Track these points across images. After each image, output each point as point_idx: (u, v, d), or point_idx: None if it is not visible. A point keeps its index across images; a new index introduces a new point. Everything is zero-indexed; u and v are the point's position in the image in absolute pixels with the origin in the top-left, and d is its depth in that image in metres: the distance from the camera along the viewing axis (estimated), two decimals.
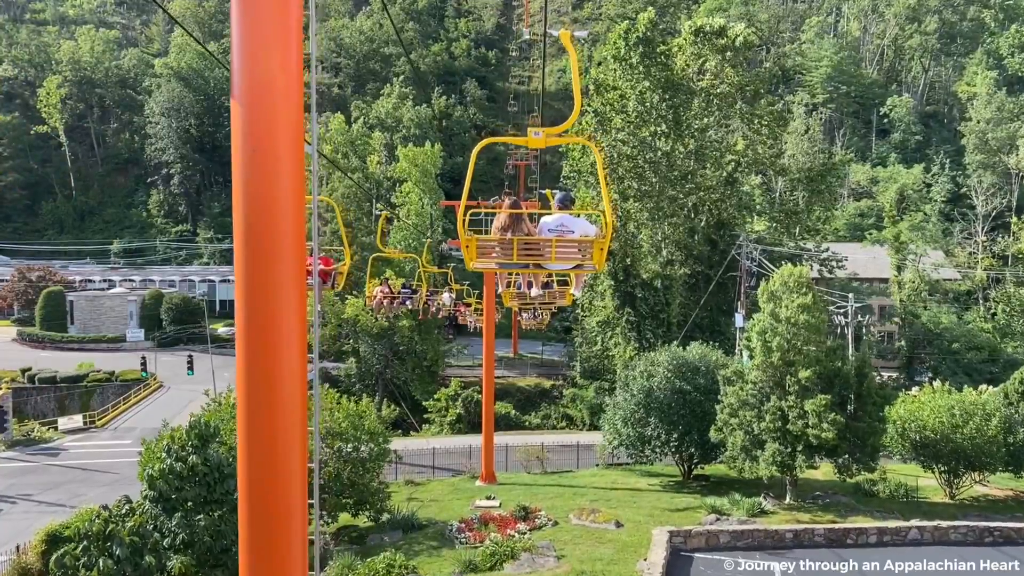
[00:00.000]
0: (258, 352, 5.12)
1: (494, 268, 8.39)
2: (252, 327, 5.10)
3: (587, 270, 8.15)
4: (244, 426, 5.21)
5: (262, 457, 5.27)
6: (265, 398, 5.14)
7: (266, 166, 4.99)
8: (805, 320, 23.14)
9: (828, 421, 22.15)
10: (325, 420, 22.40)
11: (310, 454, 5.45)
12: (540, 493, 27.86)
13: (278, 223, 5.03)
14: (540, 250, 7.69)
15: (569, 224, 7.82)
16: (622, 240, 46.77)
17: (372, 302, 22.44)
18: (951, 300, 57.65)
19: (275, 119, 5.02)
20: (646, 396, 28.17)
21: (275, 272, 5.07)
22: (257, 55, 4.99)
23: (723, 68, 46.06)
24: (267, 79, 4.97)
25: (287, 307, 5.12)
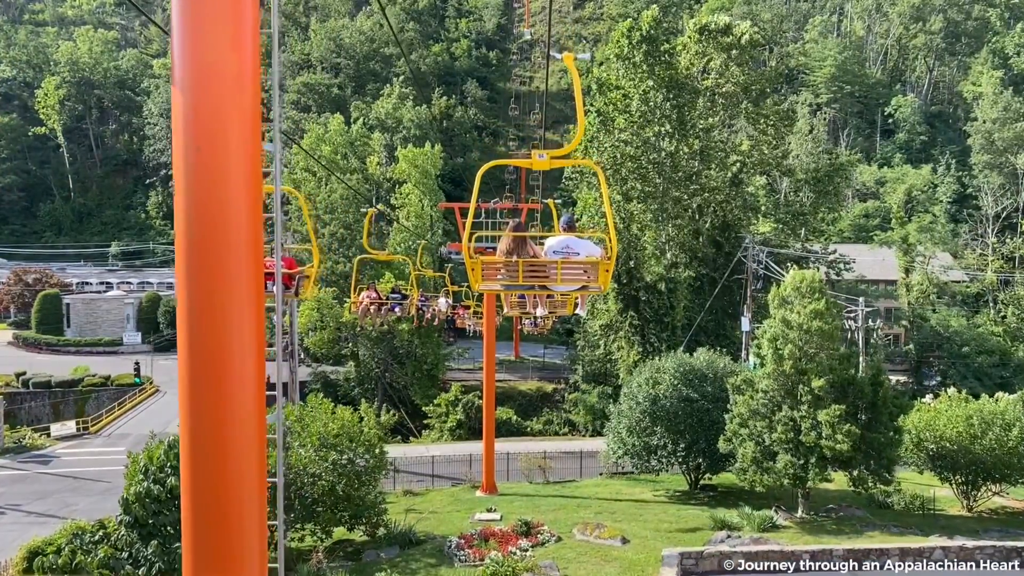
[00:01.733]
0: (205, 378, 4.20)
1: (499, 290, 8.45)
2: (197, 352, 4.19)
3: (592, 291, 8.13)
4: (188, 464, 4.29)
5: (208, 497, 4.34)
6: (213, 433, 4.23)
7: (213, 167, 4.10)
8: (818, 327, 22.24)
9: (843, 432, 21.25)
10: (318, 432, 21.53)
11: (272, 470, 4.55)
12: (542, 505, 26.97)
13: (228, 234, 4.13)
14: (545, 272, 7.69)
15: (574, 246, 7.85)
16: (625, 242, 45.88)
17: (356, 308, 20.74)
18: (960, 303, 56.70)
19: (224, 110, 4.12)
20: (652, 404, 27.25)
21: (223, 290, 4.16)
22: (201, 30, 4.07)
23: (728, 67, 45.20)
24: (214, 60, 4.06)
25: (239, 326, 4.20)
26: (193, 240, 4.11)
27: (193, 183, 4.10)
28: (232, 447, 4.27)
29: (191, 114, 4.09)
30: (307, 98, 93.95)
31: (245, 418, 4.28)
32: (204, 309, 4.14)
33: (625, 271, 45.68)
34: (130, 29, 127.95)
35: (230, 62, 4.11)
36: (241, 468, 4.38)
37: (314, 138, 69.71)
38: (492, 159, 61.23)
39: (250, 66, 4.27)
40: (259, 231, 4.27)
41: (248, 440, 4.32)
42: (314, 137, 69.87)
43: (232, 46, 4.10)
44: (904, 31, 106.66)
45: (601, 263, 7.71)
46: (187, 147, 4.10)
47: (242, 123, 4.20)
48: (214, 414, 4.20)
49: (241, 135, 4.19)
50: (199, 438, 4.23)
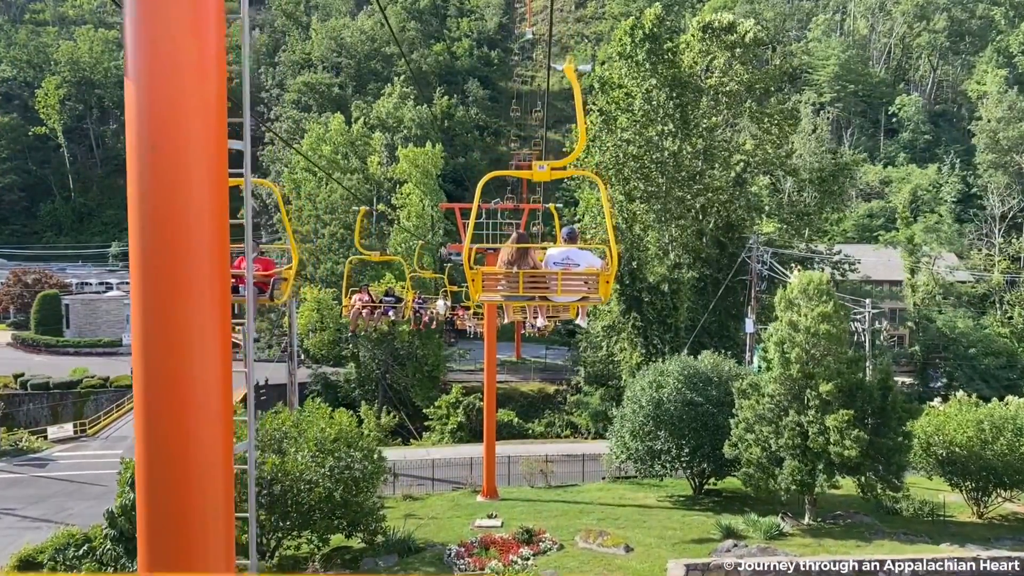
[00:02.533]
0: (162, 396, 3.72)
1: (500, 300, 8.43)
2: (154, 374, 3.71)
3: (592, 302, 8.19)
4: (144, 484, 3.80)
5: (168, 516, 3.84)
6: (173, 461, 3.75)
7: (171, 168, 3.63)
8: (825, 330, 21.76)
9: (851, 438, 20.76)
10: (315, 437, 21.08)
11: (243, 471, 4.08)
12: (544, 510, 26.50)
13: (189, 242, 3.65)
14: (546, 283, 7.75)
15: (575, 257, 7.94)
16: (628, 243, 45.41)
17: (348, 312, 19.39)
18: (966, 304, 56.12)
19: (183, 103, 3.64)
20: (655, 408, 26.80)
21: (183, 304, 3.66)
22: (156, 13, 3.57)
23: (732, 65, 44.69)
24: (171, 47, 3.58)
25: (200, 344, 3.72)
26: (149, 249, 3.65)
27: (149, 186, 3.63)
28: (194, 470, 3.80)
29: (146, 108, 3.62)
30: (308, 98, 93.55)
31: (208, 442, 3.81)
32: (162, 327, 3.68)
33: (628, 272, 45.20)
34: None
35: (190, 49, 3.63)
36: (204, 483, 3.88)
37: (315, 138, 69.36)
38: (493, 159, 61.29)
39: (213, 54, 3.79)
40: (224, 238, 3.81)
41: (211, 458, 3.84)
42: (315, 137, 69.52)
43: (192, 31, 3.62)
44: (908, 30, 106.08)
45: (601, 274, 7.74)
46: (141, 146, 3.63)
47: (205, 118, 3.73)
48: (174, 444, 3.73)
49: (204, 132, 3.72)
50: (157, 466, 3.75)
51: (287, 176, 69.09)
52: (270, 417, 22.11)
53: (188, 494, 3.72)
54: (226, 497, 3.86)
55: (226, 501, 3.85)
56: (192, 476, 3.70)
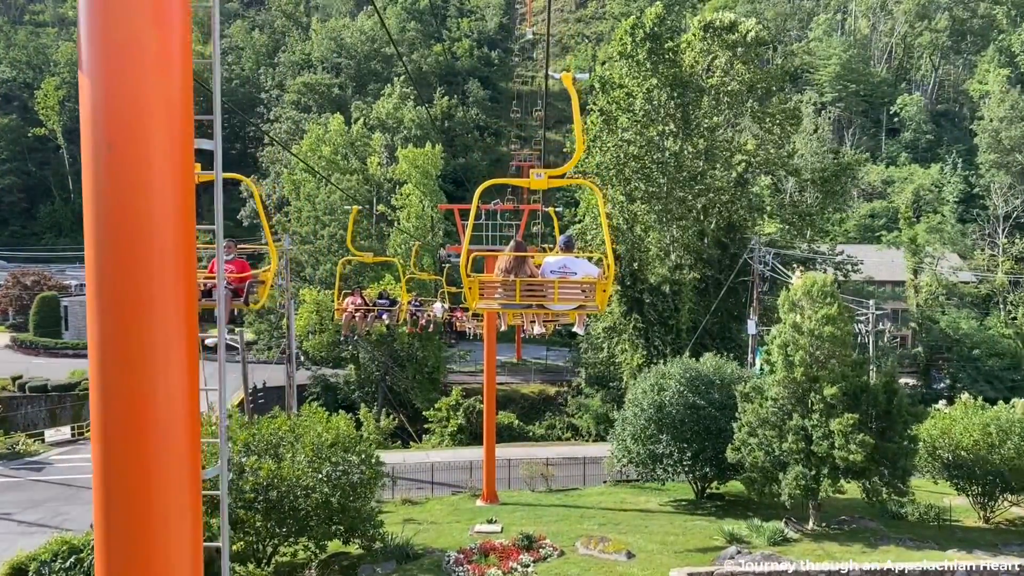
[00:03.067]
0: (122, 419, 3.38)
1: (497, 308, 8.49)
2: (111, 391, 3.36)
3: (589, 310, 8.20)
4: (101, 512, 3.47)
5: (128, 538, 3.50)
6: (132, 480, 3.41)
7: (129, 169, 3.30)
8: (830, 332, 21.42)
9: (856, 442, 20.42)
10: (312, 442, 20.75)
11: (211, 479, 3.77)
12: (545, 515, 26.18)
13: (150, 249, 3.30)
14: (543, 291, 7.80)
15: (572, 266, 8.00)
16: (629, 244, 45.07)
17: (340, 315, 18.83)
18: (969, 305, 55.71)
19: (143, 98, 3.30)
20: (657, 411, 26.47)
21: (144, 316, 3.31)
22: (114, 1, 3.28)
23: (733, 65, 44.34)
24: (130, 36, 3.25)
25: (164, 363, 3.39)
26: (106, 257, 3.32)
27: (105, 188, 3.30)
28: (157, 501, 3.47)
29: (101, 104, 3.29)
30: (307, 98, 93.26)
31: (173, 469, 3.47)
32: (121, 344, 3.35)
33: (629, 273, 44.87)
34: None
35: (151, 39, 3.31)
36: (168, 514, 3.54)
37: (314, 138, 69.04)
38: (493, 159, 60.91)
39: (178, 44, 3.46)
40: (190, 244, 3.48)
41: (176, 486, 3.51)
42: (314, 137, 69.20)
43: (154, 20, 3.29)
44: (909, 29, 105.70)
45: (598, 283, 7.75)
46: (97, 145, 3.30)
47: (168, 115, 3.40)
48: (134, 471, 3.40)
49: (166, 129, 3.38)
50: (116, 496, 3.42)
51: (287, 177, 68.82)
52: (266, 422, 21.80)
53: (150, 528, 3.39)
54: (193, 529, 3.54)
55: (193, 533, 3.53)
56: (155, 507, 3.38)
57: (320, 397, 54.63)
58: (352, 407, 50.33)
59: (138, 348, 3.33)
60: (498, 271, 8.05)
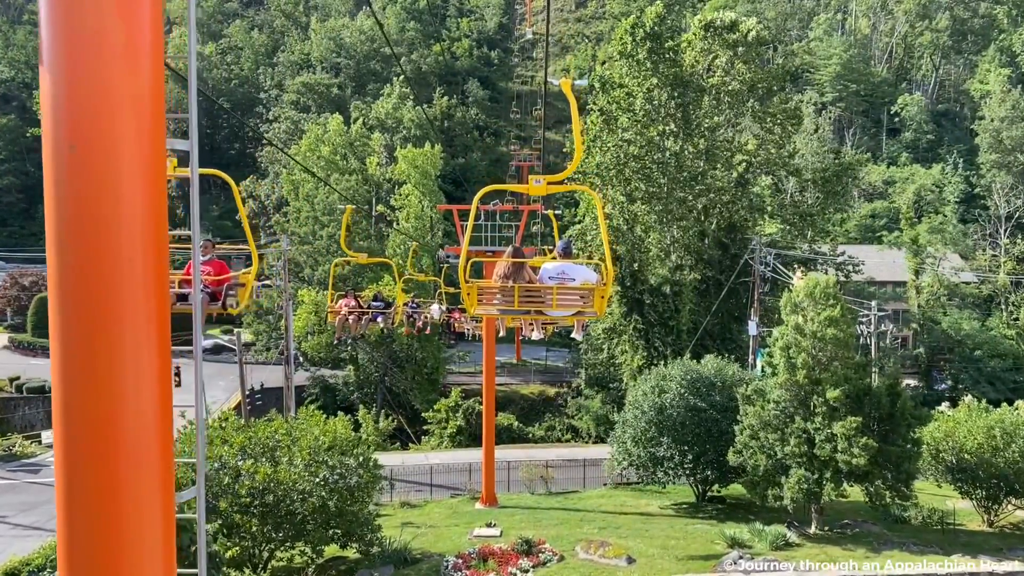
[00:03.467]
0: (87, 437, 3.12)
1: (496, 314, 8.51)
2: (76, 408, 3.10)
3: (588, 316, 8.23)
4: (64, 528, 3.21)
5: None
6: (98, 503, 3.15)
7: (93, 171, 3.05)
8: (832, 334, 21.19)
9: (859, 446, 20.18)
10: (309, 446, 20.51)
11: (182, 506, 3.53)
12: (544, 519, 25.94)
13: (117, 257, 3.06)
14: (541, 297, 7.83)
15: (570, 272, 8.02)
16: (629, 244, 44.84)
17: (334, 318, 18.23)
18: (971, 305, 55.44)
19: (109, 95, 3.04)
20: (658, 414, 26.23)
21: (111, 331, 3.05)
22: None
23: (734, 64, 44.09)
24: (94, 28, 2.99)
25: (135, 376, 3.12)
26: (69, 265, 3.08)
27: (68, 192, 3.05)
28: (127, 527, 3.22)
29: (63, 100, 3.03)
30: (307, 98, 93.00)
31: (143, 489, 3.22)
32: (87, 358, 3.11)
33: (629, 274, 44.64)
34: None
35: (117, 31, 3.05)
36: (139, 541, 3.28)
37: (313, 138, 68.79)
38: (493, 159, 60.48)
39: (147, 36, 3.21)
40: (161, 250, 3.23)
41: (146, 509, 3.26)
42: (313, 137, 68.94)
43: (119, 10, 3.05)
44: (910, 29, 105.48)
45: (597, 289, 7.78)
46: (58, 144, 3.05)
47: (136, 113, 3.15)
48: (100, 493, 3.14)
49: (134, 128, 3.13)
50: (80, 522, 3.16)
51: (286, 177, 68.54)
52: (263, 425, 21.56)
53: (118, 558, 3.14)
54: (165, 558, 3.29)
55: (165, 562, 3.28)
56: (125, 536, 3.14)
57: (319, 398, 54.40)
58: (351, 408, 50.07)
59: (105, 365, 3.08)
60: (496, 277, 8.06)
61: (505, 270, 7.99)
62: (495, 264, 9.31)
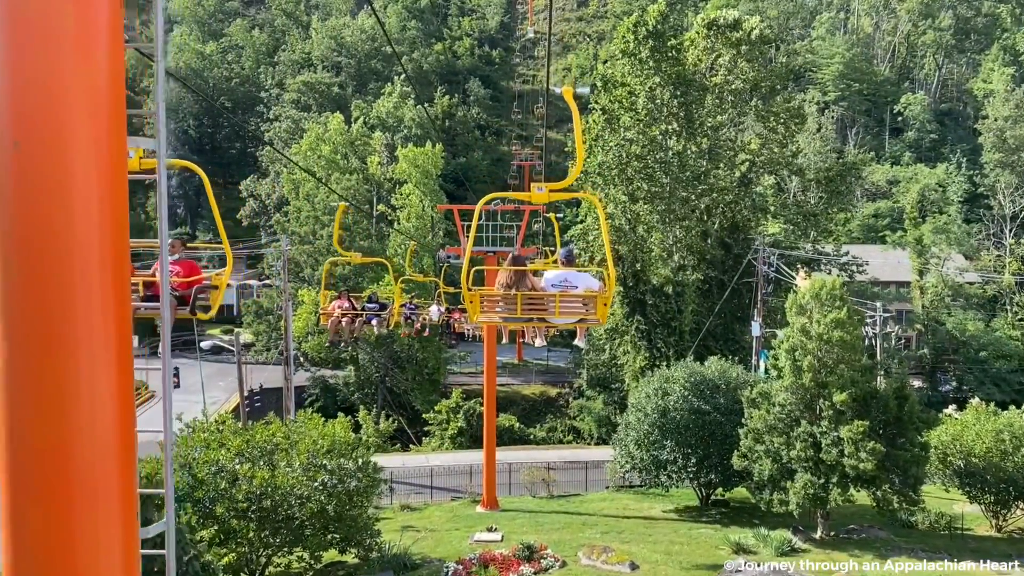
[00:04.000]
0: (37, 472, 2.76)
1: (498, 322, 8.60)
2: (22, 440, 2.75)
3: (590, 323, 8.31)
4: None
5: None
6: (48, 549, 2.80)
7: (40, 170, 2.71)
8: (839, 337, 20.83)
9: (867, 450, 19.84)
10: (307, 449, 20.21)
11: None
12: (546, 523, 25.63)
13: (70, 265, 2.71)
14: (544, 305, 7.89)
15: (572, 279, 8.09)
16: (631, 244, 44.51)
17: (326, 321, 17.23)
18: (975, 306, 55.01)
19: (59, 86, 2.71)
20: (661, 416, 25.90)
21: (65, 344, 2.72)
22: None
23: (737, 63, 43.74)
24: (41, 14, 2.64)
25: (89, 395, 2.77)
26: (14, 278, 2.72)
27: (12, 194, 2.70)
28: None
29: (6, 92, 2.70)
30: (307, 97, 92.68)
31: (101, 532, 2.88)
32: (35, 379, 2.76)
33: (631, 274, 44.32)
34: (131, 28, 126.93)
35: (66, 16, 2.72)
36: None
37: (314, 138, 68.46)
38: (495, 159, 60.06)
39: (104, 23, 2.86)
40: (121, 258, 2.87)
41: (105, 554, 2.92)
42: (314, 137, 68.62)
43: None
44: (912, 28, 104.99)
45: (599, 296, 7.85)
46: (1, 141, 2.72)
47: (92, 107, 2.81)
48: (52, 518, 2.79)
49: (89, 124, 2.79)
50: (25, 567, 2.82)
51: (286, 177, 68.22)
52: (260, 428, 21.24)
53: None
54: None
55: None
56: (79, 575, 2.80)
57: (319, 399, 54.11)
58: (351, 409, 49.78)
59: (54, 388, 2.74)
60: (499, 286, 8.10)
61: (507, 279, 8.03)
62: (496, 265, 9.52)
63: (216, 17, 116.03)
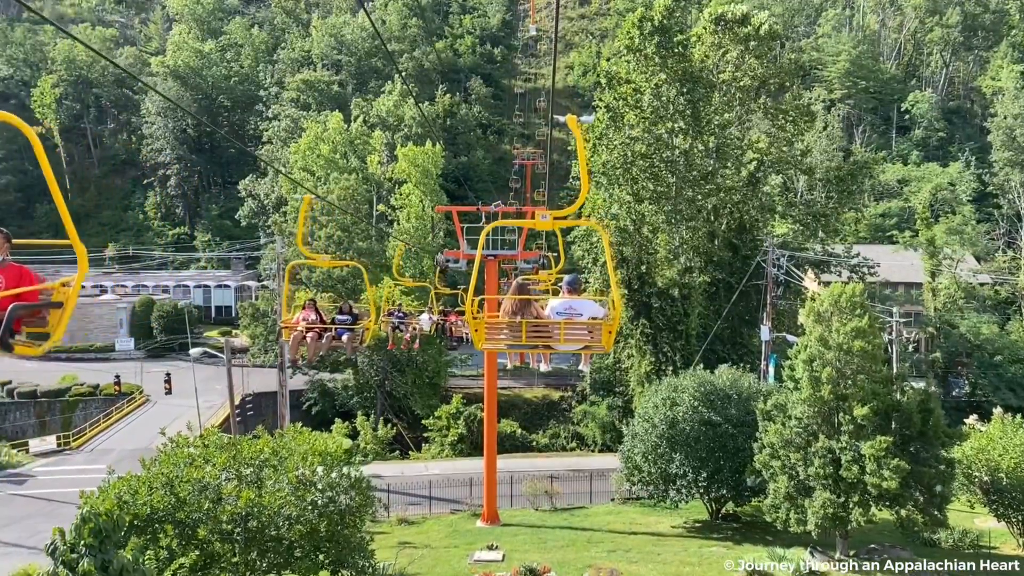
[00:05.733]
0: None
1: (504, 349, 8.70)
2: None
3: (595, 350, 8.30)
4: None
5: None
6: None
7: None
8: (860, 347, 19.67)
9: (890, 467, 18.67)
10: (297, 465, 19.07)
11: None
12: (549, 539, 24.50)
13: None
14: (549, 332, 7.90)
15: (577, 307, 8.12)
16: (636, 246, 43.36)
17: (288, 336, 13.91)
18: (989, 309, 53.68)
19: None
20: (670, 428, 24.75)
21: None
22: None
23: (745, 59, 42.54)
24: None
25: None
26: None
27: None
28: None
29: None
30: (307, 96, 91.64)
31: None
32: None
33: (636, 276, 43.16)
34: (129, 27, 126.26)
35: None
36: None
37: (313, 136, 67.41)
38: (496, 158, 58.64)
39: None
40: None
41: None
42: (313, 136, 67.57)
43: None
44: (920, 25, 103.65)
45: (604, 324, 7.89)
46: None
47: None
48: None
49: None
50: None
51: (284, 176, 67.20)
52: (247, 443, 20.10)
53: None
54: None
55: None
56: None
57: (317, 403, 53.04)
58: (350, 413, 48.69)
59: None
60: (504, 314, 8.16)
61: (512, 307, 8.06)
62: (496, 271, 9.34)
63: (215, 15, 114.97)
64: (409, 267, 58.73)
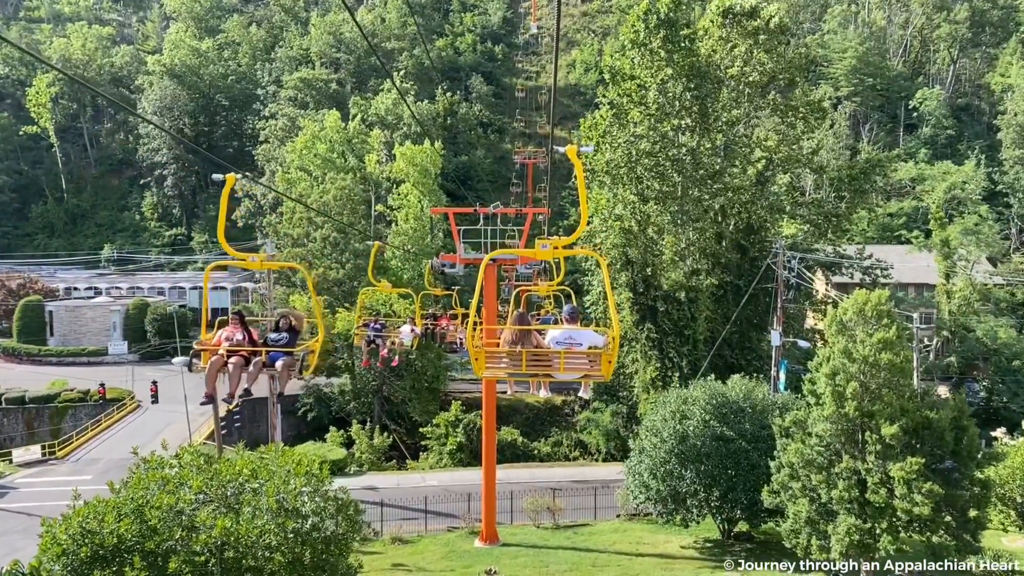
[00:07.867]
0: None
1: (504, 377, 8.55)
2: None
3: (594, 379, 8.29)
4: None
5: None
6: None
7: None
8: (887, 360, 18.15)
9: (923, 492, 17.16)
10: (277, 488, 17.58)
11: None
12: (551, 561, 23.02)
13: None
14: (549, 361, 8.02)
15: (577, 337, 8.21)
16: (641, 247, 41.81)
17: (206, 361, 9.78)
18: (1005, 311, 52.06)
19: None
20: (679, 443, 23.24)
21: None
22: None
23: (754, 53, 40.98)
24: None
25: None
26: None
27: None
28: None
29: None
30: (305, 94, 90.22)
31: None
32: None
33: (641, 279, 41.59)
34: (127, 25, 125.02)
35: None
36: None
37: (310, 135, 65.99)
38: (497, 157, 56.87)
39: None
40: None
41: None
42: (310, 134, 66.15)
43: None
44: (927, 21, 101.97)
45: (604, 353, 8.00)
46: None
47: None
48: None
49: None
50: None
51: (281, 175, 65.80)
52: (224, 464, 18.62)
53: None
54: None
55: None
56: None
57: (313, 409, 51.53)
58: (346, 420, 47.21)
59: None
60: (504, 343, 8.20)
61: (512, 336, 8.11)
62: (492, 274, 8.37)
63: (213, 13, 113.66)
64: (408, 269, 57.25)
